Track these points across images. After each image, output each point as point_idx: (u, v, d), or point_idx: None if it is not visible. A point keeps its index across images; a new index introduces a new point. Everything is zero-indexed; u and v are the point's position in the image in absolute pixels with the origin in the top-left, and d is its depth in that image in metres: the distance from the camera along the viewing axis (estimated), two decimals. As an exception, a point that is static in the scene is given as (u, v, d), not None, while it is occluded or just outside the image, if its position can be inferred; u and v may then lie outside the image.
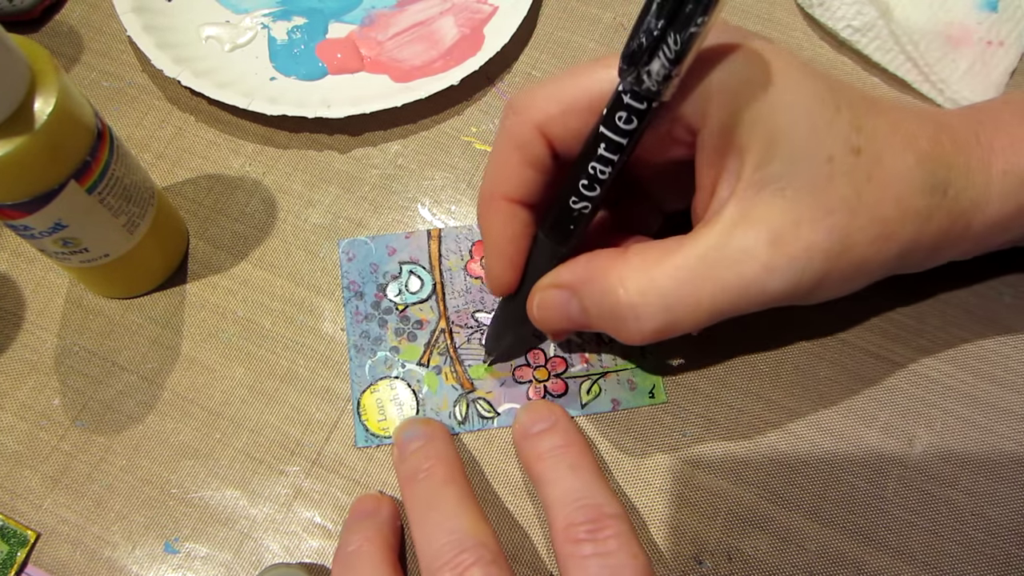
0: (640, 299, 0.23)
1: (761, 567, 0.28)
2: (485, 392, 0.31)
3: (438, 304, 0.32)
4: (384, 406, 0.30)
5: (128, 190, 0.29)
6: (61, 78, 0.25)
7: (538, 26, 0.39)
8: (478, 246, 0.33)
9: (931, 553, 0.28)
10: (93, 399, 0.31)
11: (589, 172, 0.23)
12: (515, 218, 0.26)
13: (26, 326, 0.32)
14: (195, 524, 0.29)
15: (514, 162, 0.25)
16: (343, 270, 0.32)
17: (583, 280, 0.25)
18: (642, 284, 0.23)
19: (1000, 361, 0.31)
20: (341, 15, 0.39)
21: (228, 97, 0.35)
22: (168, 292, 0.33)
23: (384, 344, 0.31)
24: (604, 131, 0.23)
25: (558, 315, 0.26)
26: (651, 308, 0.23)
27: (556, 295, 0.26)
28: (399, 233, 0.33)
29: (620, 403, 0.31)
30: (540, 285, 0.27)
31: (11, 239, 0.34)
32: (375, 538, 0.26)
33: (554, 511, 0.26)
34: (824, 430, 0.30)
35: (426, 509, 0.26)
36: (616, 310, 0.24)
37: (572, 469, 0.27)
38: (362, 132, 0.36)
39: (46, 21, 0.39)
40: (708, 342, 0.31)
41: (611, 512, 0.25)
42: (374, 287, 0.32)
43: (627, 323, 0.24)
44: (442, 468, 0.27)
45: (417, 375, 0.31)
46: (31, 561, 0.29)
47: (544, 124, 0.25)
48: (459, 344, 0.31)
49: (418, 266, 0.32)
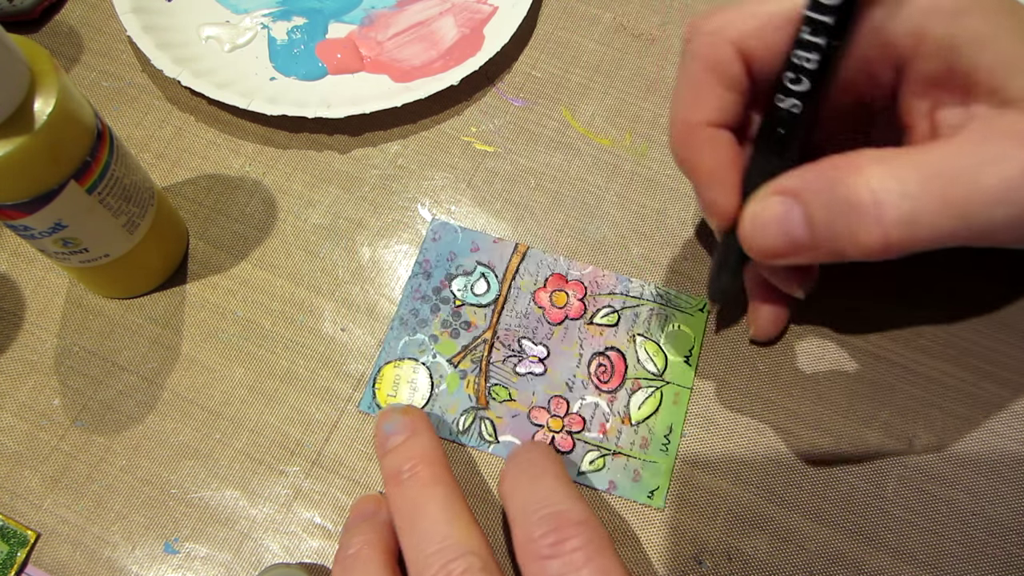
0: (881, 185, 0.21)
1: (761, 567, 0.28)
2: (495, 415, 0.30)
3: (493, 315, 0.32)
4: (399, 384, 0.31)
5: (128, 190, 0.29)
6: (61, 78, 0.25)
7: (538, 26, 0.39)
8: (555, 278, 0.32)
9: (931, 553, 0.28)
10: (93, 399, 0.31)
11: (794, 62, 0.22)
12: (723, 141, 0.24)
13: (26, 326, 0.32)
14: (195, 524, 0.29)
15: (710, 85, 0.24)
16: (423, 246, 0.33)
17: (810, 183, 0.22)
18: (883, 174, 0.21)
19: (1000, 360, 0.31)
20: (341, 15, 0.39)
21: (228, 97, 0.35)
22: (168, 292, 0.33)
23: (427, 329, 0.32)
24: (808, 13, 0.21)
25: (776, 229, 0.23)
26: (896, 197, 0.21)
27: (775, 203, 0.23)
28: (489, 234, 0.33)
29: (616, 487, 0.29)
30: (756, 196, 0.23)
31: (11, 239, 0.34)
32: (375, 541, 0.25)
33: (515, 526, 0.24)
34: (824, 430, 0.30)
35: (412, 514, 0.25)
36: (854, 203, 0.21)
37: (533, 478, 0.25)
38: (362, 132, 0.36)
39: (46, 21, 0.39)
40: (706, 339, 0.31)
41: (576, 519, 0.23)
42: (443, 273, 0.33)
43: (866, 218, 0.21)
44: (427, 469, 0.26)
45: (443, 370, 0.31)
46: (31, 561, 0.29)
47: (741, 40, 0.23)
48: (494, 359, 0.31)
49: (491, 272, 0.32)
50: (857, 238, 0.21)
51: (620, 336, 0.32)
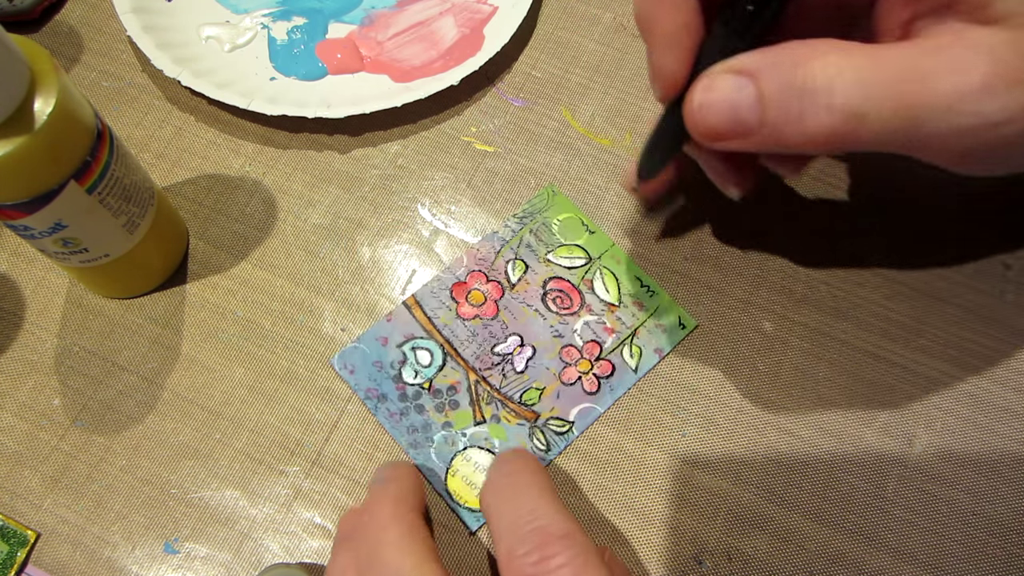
0: (836, 72, 0.20)
1: (761, 567, 0.28)
2: (549, 412, 0.30)
3: (457, 362, 0.31)
4: (471, 480, 0.30)
5: (128, 190, 0.29)
6: (61, 78, 0.25)
7: (538, 26, 0.39)
8: (457, 288, 0.32)
9: (932, 553, 0.28)
10: (93, 399, 0.31)
11: None
12: (687, 6, 0.23)
13: (26, 326, 0.32)
14: (195, 524, 0.29)
15: None
16: (352, 385, 0.31)
17: (767, 63, 0.21)
18: (842, 65, 0.20)
19: (1000, 360, 0.31)
20: (341, 15, 0.39)
21: (228, 97, 0.35)
22: (168, 292, 0.33)
23: (434, 427, 0.30)
24: None
25: (725, 107, 0.22)
26: (850, 86, 0.20)
27: (728, 80, 0.22)
28: (380, 321, 0.32)
29: (663, 349, 0.31)
30: (709, 72, 0.22)
31: (11, 239, 0.34)
32: (393, 490, 0.25)
33: (498, 542, 0.23)
34: (824, 430, 0.30)
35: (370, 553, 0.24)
36: (808, 87, 0.21)
37: (515, 493, 0.24)
38: (362, 132, 0.36)
39: (46, 21, 0.39)
40: (707, 339, 0.31)
41: (560, 532, 0.22)
42: (390, 383, 0.31)
43: (817, 103, 0.20)
44: (389, 507, 0.24)
45: (482, 434, 0.30)
46: (31, 561, 0.29)
47: None
48: (499, 385, 0.31)
49: (416, 340, 0.32)
50: (804, 123, 0.21)
51: (538, 269, 0.33)
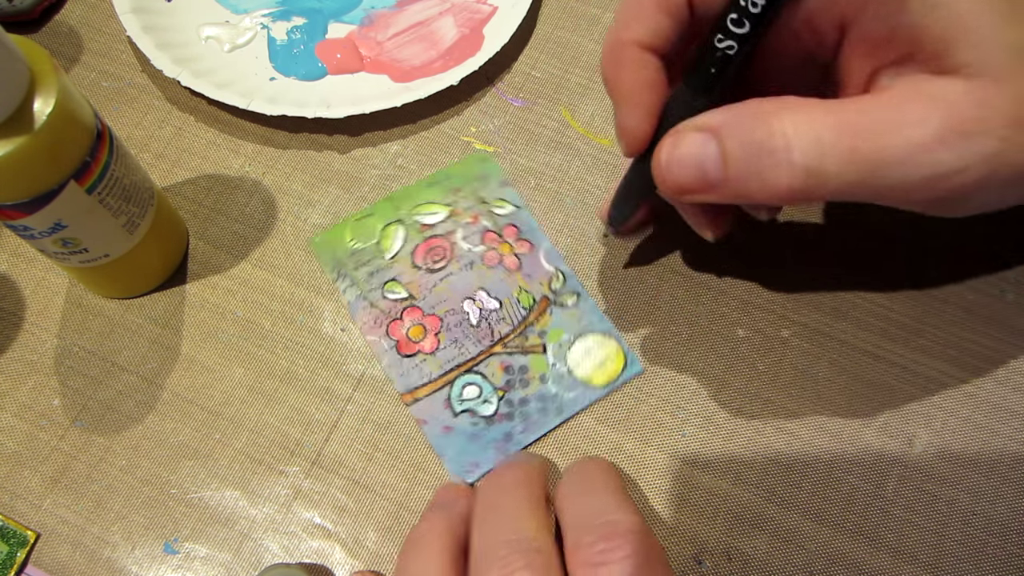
0: (794, 133, 0.21)
1: (761, 567, 0.28)
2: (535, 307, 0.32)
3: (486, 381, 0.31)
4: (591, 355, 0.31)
5: (128, 190, 0.29)
6: (61, 78, 0.25)
7: (538, 26, 0.39)
8: (402, 345, 0.32)
9: (932, 553, 0.28)
10: (93, 399, 0.31)
11: (739, 4, 0.22)
12: (647, 64, 0.24)
13: (26, 326, 0.32)
14: (195, 524, 0.29)
15: (650, 7, 0.24)
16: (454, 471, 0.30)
17: (729, 121, 0.22)
18: (799, 123, 0.21)
19: (1000, 360, 0.31)
20: (341, 15, 0.39)
21: (228, 97, 0.35)
22: (168, 292, 0.33)
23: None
24: None
25: (691, 163, 0.23)
26: (807, 144, 0.21)
27: (694, 138, 0.23)
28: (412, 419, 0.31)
29: None
30: (675, 130, 0.24)
31: (11, 239, 0.34)
32: (442, 529, 0.25)
33: (566, 534, 0.24)
34: (824, 430, 0.30)
35: (488, 509, 0.26)
36: (767, 143, 0.22)
37: (588, 490, 0.26)
38: (362, 132, 0.36)
39: (46, 21, 0.39)
40: (706, 339, 0.31)
41: (624, 529, 0.23)
42: (481, 435, 0.31)
43: (777, 161, 0.22)
44: (516, 475, 0.26)
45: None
46: (31, 561, 0.29)
47: None
48: (503, 335, 0.32)
49: (460, 377, 0.31)
50: (766, 180, 0.22)
51: (413, 239, 0.34)
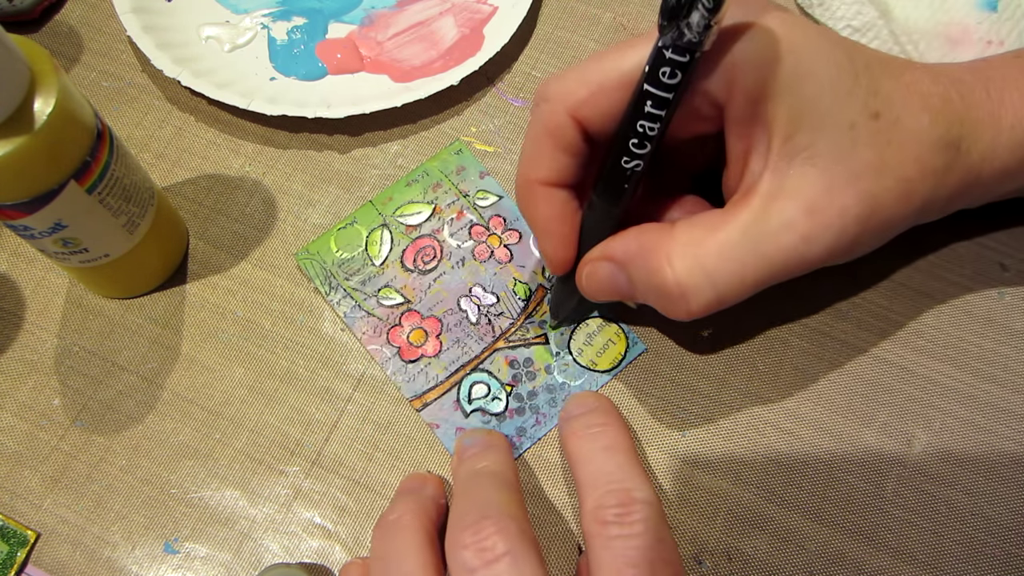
0: (687, 278, 0.24)
1: (761, 567, 0.28)
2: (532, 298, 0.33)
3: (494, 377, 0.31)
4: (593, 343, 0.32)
5: (128, 190, 0.29)
6: (61, 78, 0.25)
7: (538, 26, 0.39)
8: (405, 352, 0.32)
9: (931, 553, 0.28)
10: (93, 399, 0.31)
11: (638, 130, 0.24)
12: (556, 198, 0.27)
13: (26, 326, 0.32)
14: (195, 524, 0.29)
15: (547, 148, 0.26)
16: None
17: (633, 255, 0.26)
18: (688, 263, 0.24)
19: (999, 361, 0.31)
20: (341, 15, 0.39)
21: (228, 97, 0.35)
22: (168, 292, 0.33)
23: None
24: (649, 88, 0.23)
25: (607, 287, 0.27)
26: (697, 287, 0.24)
27: (605, 268, 0.27)
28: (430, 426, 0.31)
29: None
30: (589, 257, 0.27)
31: (11, 239, 0.34)
32: (416, 510, 0.27)
33: (584, 491, 0.26)
34: (824, 430, 0.30)
35: (464, 489, 0.27)
36: (663, 289, 0.25)
37: (606, 450, 0.27)
38: (362, 132, 0.36)
39: (46, 21, 0.39)
40: (706, 340, 0.32)
41: (641, 498, 0.25)
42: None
43: (674, 302, 0.25)
44: (492, 465, 0.27)
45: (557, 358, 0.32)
46: (31, 561, 0.29)
47: (575, 108, 0.25)
48: (509, 330, 0.32)
49: (466, 377, 0.31)
50: (669, 312, 0.26)
51: (399, 242, 0.34)
